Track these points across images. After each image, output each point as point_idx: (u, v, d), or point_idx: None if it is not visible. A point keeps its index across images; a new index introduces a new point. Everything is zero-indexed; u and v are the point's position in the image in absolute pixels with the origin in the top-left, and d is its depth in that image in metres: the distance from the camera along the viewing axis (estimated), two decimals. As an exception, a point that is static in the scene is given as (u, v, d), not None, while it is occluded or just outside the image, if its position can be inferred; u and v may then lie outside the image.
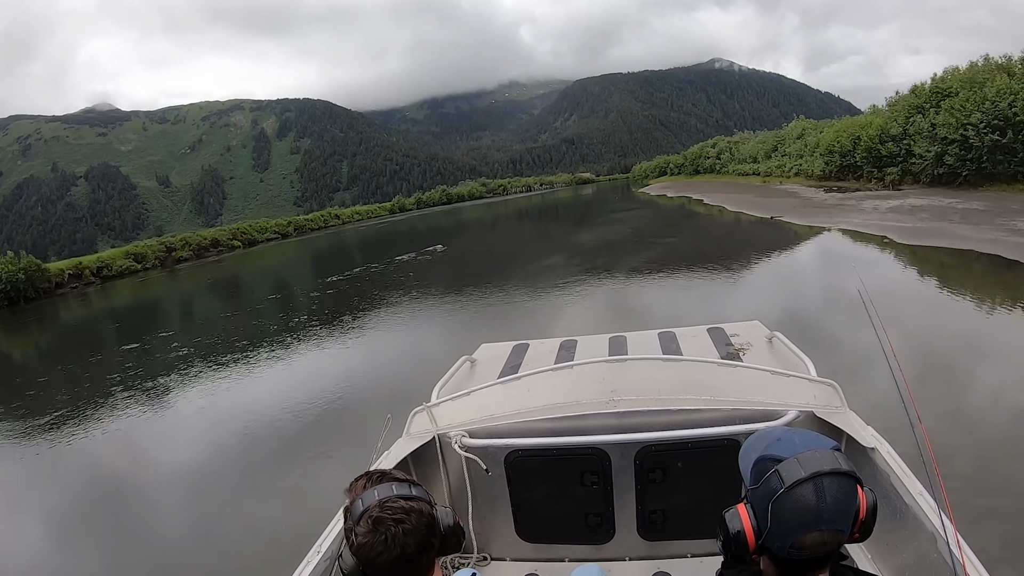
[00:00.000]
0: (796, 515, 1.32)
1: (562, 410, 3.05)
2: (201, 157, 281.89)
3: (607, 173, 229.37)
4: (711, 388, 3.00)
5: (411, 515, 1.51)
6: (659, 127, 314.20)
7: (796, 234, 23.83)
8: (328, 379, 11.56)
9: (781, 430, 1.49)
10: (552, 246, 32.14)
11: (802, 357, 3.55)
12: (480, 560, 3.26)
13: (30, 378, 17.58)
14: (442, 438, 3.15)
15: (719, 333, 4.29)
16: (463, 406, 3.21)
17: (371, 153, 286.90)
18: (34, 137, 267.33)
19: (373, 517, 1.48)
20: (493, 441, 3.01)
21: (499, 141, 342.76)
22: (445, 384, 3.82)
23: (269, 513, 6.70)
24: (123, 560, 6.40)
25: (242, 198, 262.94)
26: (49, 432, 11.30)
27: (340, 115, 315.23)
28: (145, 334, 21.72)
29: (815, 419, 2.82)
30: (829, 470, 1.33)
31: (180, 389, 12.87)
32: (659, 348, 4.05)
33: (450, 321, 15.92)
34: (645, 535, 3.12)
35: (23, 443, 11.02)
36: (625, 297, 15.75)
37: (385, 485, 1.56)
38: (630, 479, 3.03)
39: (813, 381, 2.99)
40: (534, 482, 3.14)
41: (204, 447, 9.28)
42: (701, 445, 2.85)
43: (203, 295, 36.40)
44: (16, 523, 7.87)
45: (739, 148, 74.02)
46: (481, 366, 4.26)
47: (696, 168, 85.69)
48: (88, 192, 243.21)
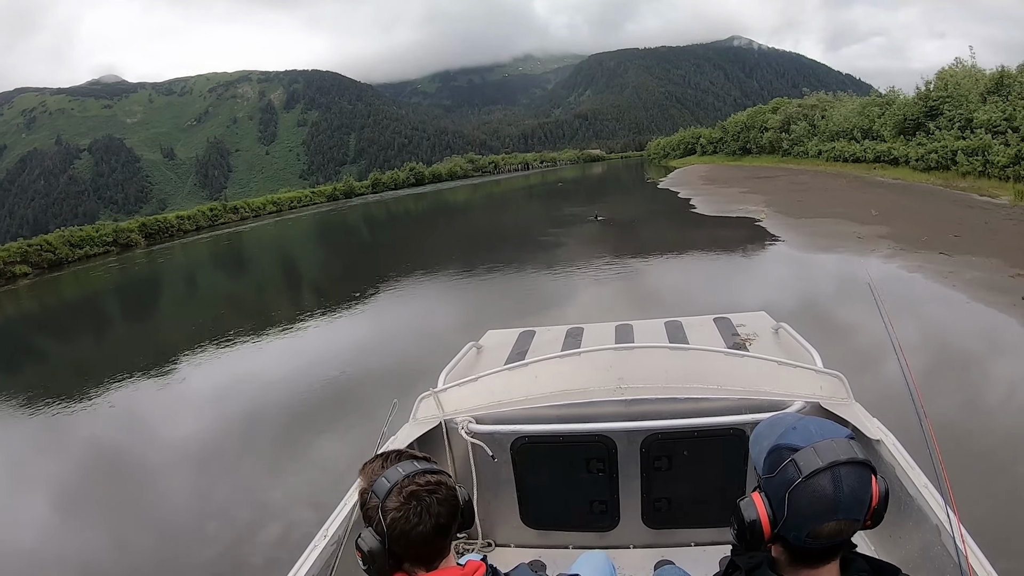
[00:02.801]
0: (813, 504, 1.32)
1: (569, 397, 3.09)
2: (207, 129, 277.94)
3: (620, 150, 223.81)
4: (717, 377, 3.05)
5: (441, 487, 1.54)
6: (675, 104, 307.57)
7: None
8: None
9: (795, 417, 1.48)
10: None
11: (808, 348, 3.56)
12: (485, 546, 3.29)
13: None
14: (448, 424, 3.17)
15: (726, 323, 4.31)
16: (470, 392, 3.24)
17: (379, 126, 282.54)
18: (39, 110, 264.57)
19: (408, 490, 1.50)
20: (499, 427, 3.05)
21: (511, 115, 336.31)
22: (452, 370, 3.80)
23: (272, 495, 6.53)
24: (124, 533, 6.31)
25: (247, 171, 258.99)
26: (55, 401, 11.18)
27: (349, 87, 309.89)
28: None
29: (821, 410, 2.83)
30: (846, 459, 1.32)
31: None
32: (666, 337, 4.01)
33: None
34: (649, 523, 3.16)
35: (39, 408, 10.94)
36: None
37: (407, 462, 1.58)
38: (636, 467, 3.06)
39: (819, 372, 3.03)
40: (540, 468, 3.16)
41: (200, 426, 9.02)
42: (707, 434, 2.88)
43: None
44: (22, 493, 7.82)
45: (828, 115, 46.25)
46: (488, 352, 4.26)
47: (744, 146, 62.13)
48: (91, 165, 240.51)
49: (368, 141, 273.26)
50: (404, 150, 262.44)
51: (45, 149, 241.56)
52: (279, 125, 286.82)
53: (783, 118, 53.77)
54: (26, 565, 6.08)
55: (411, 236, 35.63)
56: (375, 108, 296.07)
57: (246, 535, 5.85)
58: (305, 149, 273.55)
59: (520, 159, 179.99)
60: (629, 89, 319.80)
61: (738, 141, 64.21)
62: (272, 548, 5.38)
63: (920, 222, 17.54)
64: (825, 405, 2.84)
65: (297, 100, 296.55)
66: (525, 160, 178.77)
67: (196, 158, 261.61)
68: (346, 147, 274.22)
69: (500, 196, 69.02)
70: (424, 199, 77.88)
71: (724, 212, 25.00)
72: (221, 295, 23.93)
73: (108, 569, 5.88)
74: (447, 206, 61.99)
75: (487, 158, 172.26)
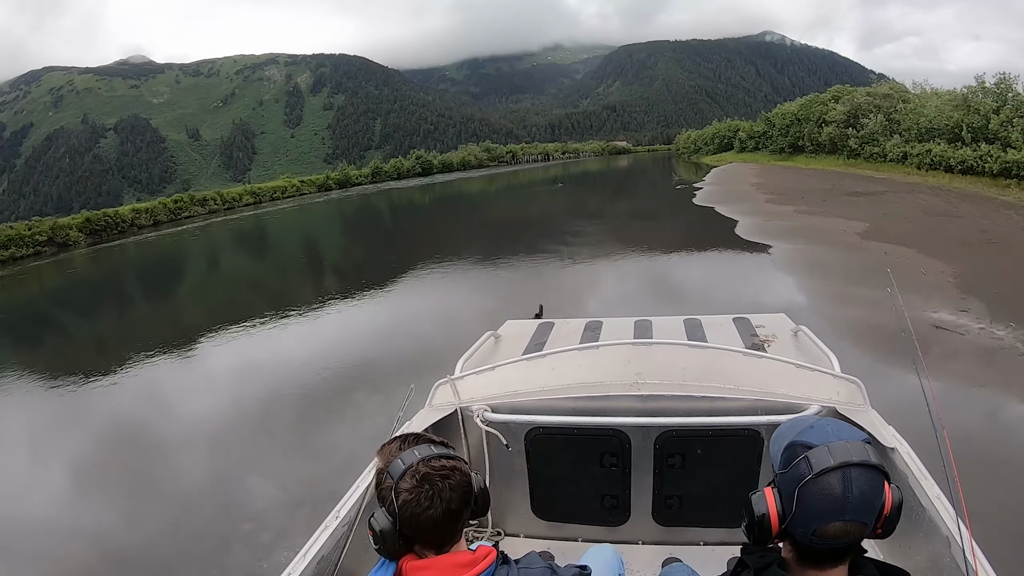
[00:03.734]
0: (821, 503, 1.32)
1: (586, 390, 3.07)
2: (233, 111, 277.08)
3: (648, 143, 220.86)
4: (735, 377, 3.03)
5: (455, 473, 1.54)
6: (705, 98, 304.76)
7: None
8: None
9: (814, 418, 1.50)
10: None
11: (827, 352, 3.52)
12: (495, 535, 3.30)
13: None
14: (464, 411, 3.17)
15: (745, 323, 4.28)
16: (487, 380, 3.23)
17: (405, 112, 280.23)
18: (66, 88, 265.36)
19: (421, 473, 1.50)
20: (515, 417, 3.04)
21: (539, 105, 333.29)
22: (469, 358, 3.79)
23: (286, 473, 6.68)
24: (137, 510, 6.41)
25: (272, 153, 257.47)
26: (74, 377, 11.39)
27: (376, 72, 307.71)
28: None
29: (836, 415, 2.81)
30: (858, 461, 1.32)
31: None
32: (684, 334, 3.98)
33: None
34: (660, 520, 3.15)
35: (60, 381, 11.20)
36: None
37: (423, 446, 1.58)
38: (649, 463, 3.06)
39: (837, 377, 3.02)
40: (553, 460, 3.16)
41: (220, 403, 9.25)
42: (722, 433, 2.88)
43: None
44: (38, 466, 7.97)
45: (914, 108, 36.44)
46: (506, 342, 4.24)
47: (795, 143, 52.84)
48: (116, 144, 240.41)
49: (394, 127, 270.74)
50: (430, 136, 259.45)
51: (71, 128, 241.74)
52: (305, 108, 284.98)
53: (849, 109, 43.47)
54: (44, 535, 6.20)
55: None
56: (401, 94, 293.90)
57: (253, 514, 5.92)
58: (330, 133, 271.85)
59: (540, 149, 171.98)
60: (659, 82, 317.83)
61: (787, 136, 54.66)
62: (282, 523, 5.52)
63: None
64: (841, 410, 2.82)
65: (324, 84, 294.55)
66: (546, 150, 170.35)
67: (221, 140, 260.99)
68: (372, 132, 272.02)
69: (471, 196, 61.23)
70: (422, 193, 69.58)
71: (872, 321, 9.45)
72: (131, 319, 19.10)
73: (124, 540, 5.91)
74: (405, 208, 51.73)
75: (505, 147, 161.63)
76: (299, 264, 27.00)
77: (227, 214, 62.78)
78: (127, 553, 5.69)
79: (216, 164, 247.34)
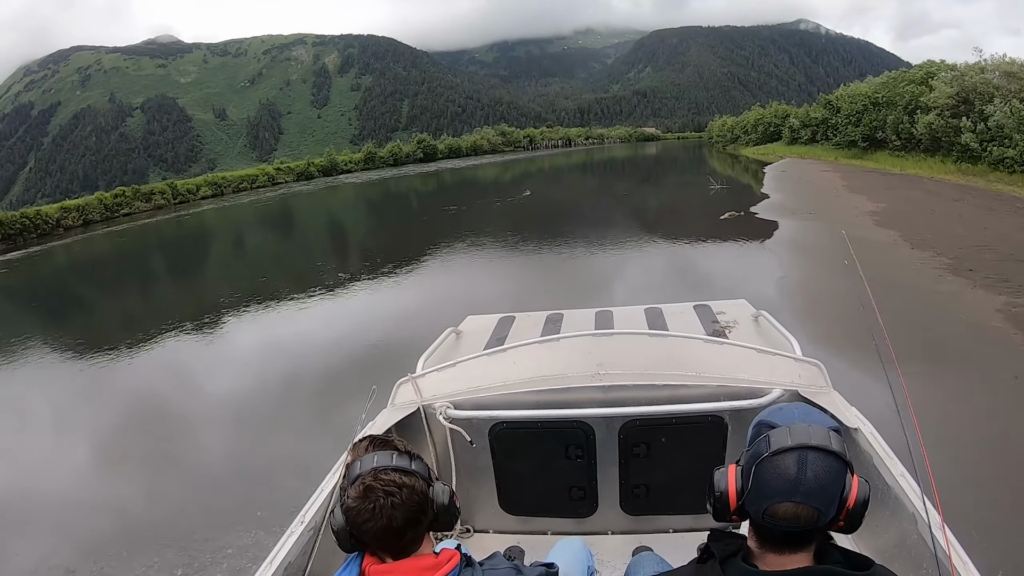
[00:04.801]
0: (774, 481, 1.33)
1: (547, 383, 3.07)
2: (260, 91, 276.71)
3: (678, 129, 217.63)
4: (696, 364, 3.05)
5: (403, 490, 1.50)
6: (737, 86, 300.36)
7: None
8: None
9: (788, 404, 1.54)
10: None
11: (788, 336, 3.57)
12: (463, 532, 3.29)
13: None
14: (427, 409, 3.15)
15: (705, 310, 4.30)
16: (448, 377, 3.22)
17: (433, 93, 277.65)
18: (94, 68, 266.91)
19: (365, 484, 1.49)
20: (478, 413, 3.03)
21: (568, 89, 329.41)
22: (431, 355, 3.77)
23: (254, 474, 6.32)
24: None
25: (298, 133, 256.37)
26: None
27: (404, 53, 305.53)
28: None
29: (799, 398, 2.84)
30: (816, 445, 1.32)
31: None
32: (645, 323, 4.02)
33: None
34: (628, 509, 3.17)
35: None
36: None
37: (386, 453, 1.56)
38: (614, 453, 3.07)
39: (798, 360, 3.04)
40: (518, 454, 3.16)
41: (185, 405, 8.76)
42: (685, 421, 2.89)
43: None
44: (61, 441, 8.03)
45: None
46: (467, 337, 4.22)
47: (870, 136, 38.36)
48: (143, 123, 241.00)
49: (421, 108, 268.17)
50: (457, 119, 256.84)
51: (98, 107, 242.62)
52: (332, 89, 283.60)
53: (956, 91, 29.89)
54: (67, 509, 6.14)
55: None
56: (430, 75, 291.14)
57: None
58: (357, 114, 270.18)
59: (562, 134, 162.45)
60: (690, 68, 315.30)
61: (859, 127, 39.70)
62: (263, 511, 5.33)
63: None
64: (804, 393, 2.84)
65: (352, 64, 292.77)
66: (567, 135, 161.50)
67: (248, 119, 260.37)
68: (399, 113, 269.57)
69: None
70: (388, 186, 59.75)
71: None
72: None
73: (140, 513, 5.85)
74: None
75: (523, 131, 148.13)
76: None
77: (178, 209, 53.02)
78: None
79: (242, 144, 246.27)
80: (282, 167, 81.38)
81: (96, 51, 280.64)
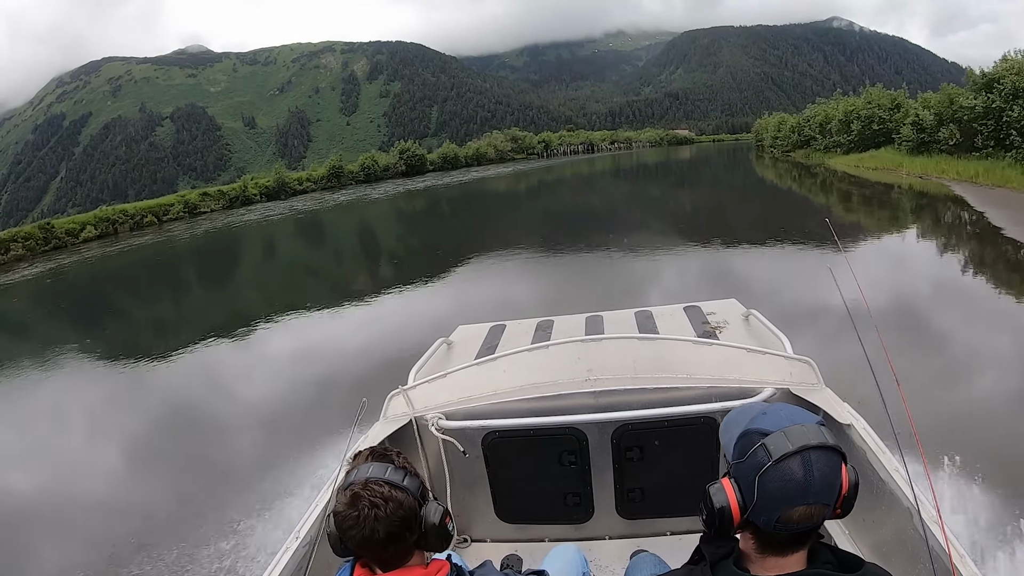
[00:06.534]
0: (783, 488, 1.32)
1: (539, 390, 3.09)
2: (289, 99, 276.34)
3: (712, 131, 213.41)
4: (687, 366, 3.06)
5: (389, 503, 1.52)
6: (771, 86, 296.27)
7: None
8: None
9: (764, 405, 1.52)
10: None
11: (778, 334, 3.56)
12: (460, 542, 3.31)
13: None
14: (419, 421, 3.16)
15: (695, 311, 4.28)
16: (440, 388, 3.23)
17: (462, 99, 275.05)
18: (125, 78, 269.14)
19: (354, 492, 1.52)
20: (470, 423, 3.04)
21: (599, 92, 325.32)
22: (422, 367, 3.76)
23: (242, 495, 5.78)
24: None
25: (327, 141, 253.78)
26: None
27: (433, 58, 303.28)
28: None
29: (791, 396, 2.86)
30: (816, 444, 1.33)
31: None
32: (635, 327, 4.00)
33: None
34: (624, 513, 3.19)
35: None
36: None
37: (381, 465, 1.58)
38: (608, 458, 3.08)
39: (789, 358, 3.04)
40: (512, 463, 3.18)
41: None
42: (678, 423, 2.89)
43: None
44: (90, 442, 8.13)
45: None
46: (458, 348, 4.21)
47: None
48: (172, 133, 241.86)
49: (450, 114, 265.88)
50: (487, 124, 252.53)
51: (128, 117, 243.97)
52: (361, 96, 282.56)
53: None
54: (96, 511, 6.16)
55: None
56: (459, 80, 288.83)
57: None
58: (386, 120, 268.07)
59: (584, 137, 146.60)
60: (723, 68, 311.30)
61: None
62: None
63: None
64: (795, 391, 2.86)
65: (380, 71, 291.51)
66: (589, 139, 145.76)
67: (277, 127, 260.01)
68: (428, 119, 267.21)
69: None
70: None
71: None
72: None
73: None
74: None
75: (537, 136, 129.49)
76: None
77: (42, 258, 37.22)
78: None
79: (271, 151, 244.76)
80: (210, 191, 59.02)
81: (127, 61, 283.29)
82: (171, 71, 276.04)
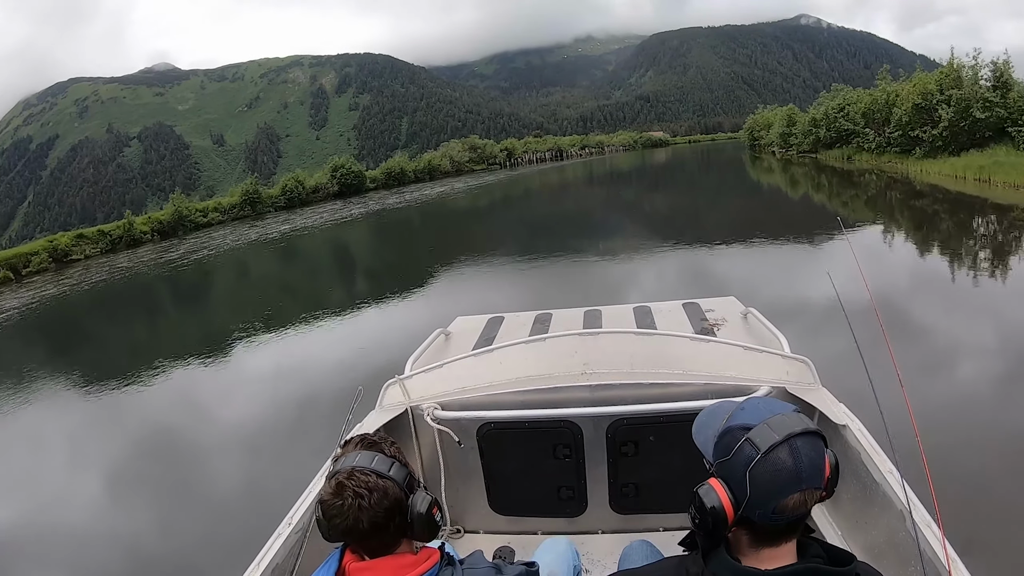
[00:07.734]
0: (775, 479, 1.32)
1: (535, 383, 3.10)
2: (257, 115, 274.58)
3: (685, 132, 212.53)
4: (684, 362, 3.07)
5: (373, 493, 1.50)
6: (742, 85, 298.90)
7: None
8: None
9: (736, 402, 1.53)
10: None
11: (776, 333, 3.55)
12: (453, 532, 3.32)
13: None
14: (415, 410, 3.18)
15: (694, 308, 4.27)
16: (436, 378, 3.24)
17: (432, 109, 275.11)
18: (91, 99, 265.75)
19: (338, 482, 1.51)
20: (465, 413, 3.07)
21: (570, 97, 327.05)
22: (419, 357, 3.78)
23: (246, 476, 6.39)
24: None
25: (297, 156, 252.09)
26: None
27: (402, 70, 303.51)
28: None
29: (787, 395, 2.86)
30: (800, 430, 1.34)
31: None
32: (633, 322, 4.00)
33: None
34: (617, 508, 3.20)
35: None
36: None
37: (368, 454, 1.57)
38: (602, 452, 3.09)
39: (786, 357, 3.03)
40: (506, 455, 3.19)
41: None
42: (673, 419, 2.85)
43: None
44: (72, 469, 7.72)
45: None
46: (455, 338, 4.23)
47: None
48: (140, 153, 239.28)
49: (420, 125, 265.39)
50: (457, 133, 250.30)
51: (96, 138, 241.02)
52: (330, 109, 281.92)
53: None
54: (79, 541, 5.97)
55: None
56: (428, 91, 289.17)
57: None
58: (356, 133, 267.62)
59: (552, 143, 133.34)
60: (693, 69, 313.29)
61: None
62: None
63: None
64: (791, 390, 2.86)
65: (349, 84, 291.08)
66: (558, 145, 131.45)
67: (246, 144, 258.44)
68: (398, 131, 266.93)
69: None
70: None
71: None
72: None
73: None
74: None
75: (499, 144, 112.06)
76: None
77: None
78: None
79: (241, 169, 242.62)
80: (87, 233, 43.93)
81: (94, 82, 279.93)
82: (138, 90, 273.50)
